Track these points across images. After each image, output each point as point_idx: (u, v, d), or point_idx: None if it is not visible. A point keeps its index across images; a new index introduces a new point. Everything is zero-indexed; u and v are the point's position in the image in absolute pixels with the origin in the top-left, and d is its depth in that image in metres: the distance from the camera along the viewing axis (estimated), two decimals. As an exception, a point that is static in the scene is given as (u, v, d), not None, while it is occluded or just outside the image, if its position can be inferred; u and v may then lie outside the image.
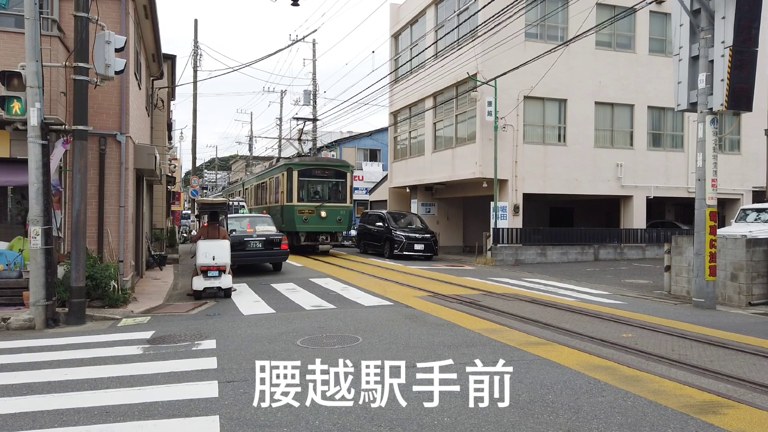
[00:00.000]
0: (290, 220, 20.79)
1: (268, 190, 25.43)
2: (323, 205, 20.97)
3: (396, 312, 9.31)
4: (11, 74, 8.59)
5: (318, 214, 20.76)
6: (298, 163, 21.84)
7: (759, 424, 4.38)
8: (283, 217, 21.29)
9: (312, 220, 20.70)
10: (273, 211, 22.76)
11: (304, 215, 20.58)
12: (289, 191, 21.04)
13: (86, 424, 4.38)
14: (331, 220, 21.03)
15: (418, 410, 4.54)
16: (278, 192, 22.52)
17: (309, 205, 20.92)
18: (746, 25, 9.88)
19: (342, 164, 22.65)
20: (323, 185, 21.72)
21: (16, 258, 9.99)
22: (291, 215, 20.76)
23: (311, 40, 36.64)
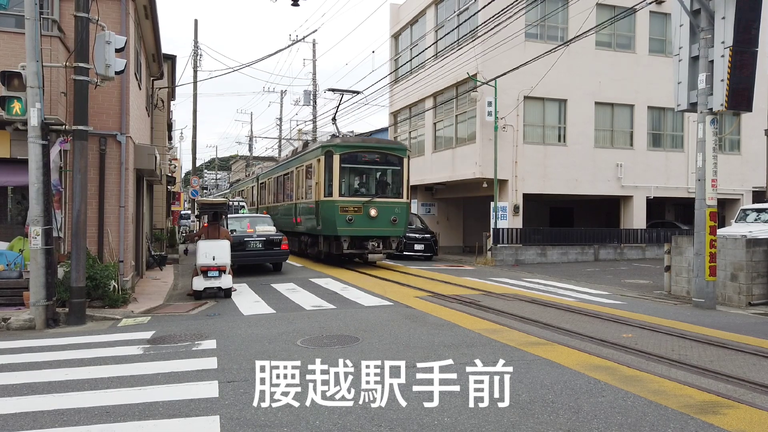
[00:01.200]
0: (329, 220, 15.97)
1: (294, 183, 20.15)
2: (373, 201, 15.98)
3: (396, 312, 9.31)
4: (11, 74, 8.59)
5: (366, 212, 15.82)
6: (341, 144, 16.37)
7: (759, 424, 4.39)
8: (318, 216, 16.56)
9: (358, 220, 15.75)
10: (302, 209, 18.59)
11: (347, 214, 15.66)
12: (328, 182, 16.12)
13: (87, 424, 4.39)
14: (383, 220, 16.00)
15: (418, 410, 4.54)
16: (310, 184, 17.61)
17: (354, 200, 15.94)
18: (746, 25, 9.88)
19: (397, 147, 17.40)
20: (373, 174, 17.02)
21: (17, 258, 9.99)
22: (330, 214, 15.88)
23: (311, 41, 36.74)
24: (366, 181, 17.05)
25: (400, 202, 16.55)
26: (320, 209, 16.37)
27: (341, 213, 15.71)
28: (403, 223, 16.49)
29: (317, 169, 16.70)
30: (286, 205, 21.36)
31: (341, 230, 15.82)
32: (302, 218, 18.42)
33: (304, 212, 18.15)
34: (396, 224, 16.22)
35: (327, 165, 16.13)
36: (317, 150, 17.04)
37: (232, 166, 77.63)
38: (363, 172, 17.02)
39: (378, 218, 15.92)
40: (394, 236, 16.57)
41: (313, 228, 17.25)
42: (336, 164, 16.02)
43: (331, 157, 16.07)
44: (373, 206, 15.90)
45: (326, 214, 16.06)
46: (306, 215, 17.89)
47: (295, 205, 19.69)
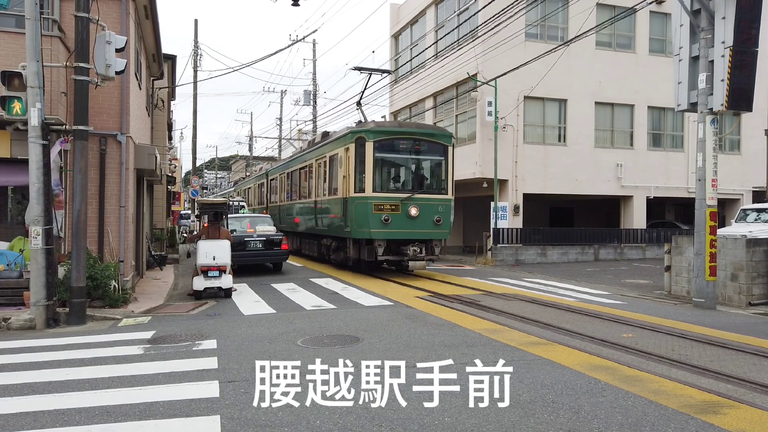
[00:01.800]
0: (361, 220, 13.63)
1: (313, 178, 17.58)
2: (413, 198, 13.64)
3: (396, 312, 9.31)
4: (12, 74, 8.59)
5: (405, 211, 13.46)
6: (375, 129, 13.96)
7: (759, 423, 4.39)
8: (346, 216, 14.13)
9: (396, 221, 13.42)
10: (324, 208, 16.09)
11: (383, 213, 13.37)
12: (359, 174, 13.75)
13: (87, 424, 4.39)
14: (425, 220, 13.68)
15: (419, 410, 4.54)
16: (335, 178, 15.18)
17: (391, 197, 13.63)
18: (746, 25, 9.88)
19: (441, 132, 14.92)
20: (412, 165, 14.55)
21: (17, 258, 9.99)
22: (362, 213, 13.57)
23: (311, 41, 36.75)
24: (404, 174, 14.56)
25: (445, 198, 14.17)
26: (349, 208, 13.94)
27: (375, 212, 13.39)
28: (448, 224, 14.11)
29: (345, 160, 14.32)
30: (303, 203, 18.95)
31: (375, 232, 13.46)
32: (324, 218, 16.05)
33: (327, 211, 15.77)
34: (440, 225, 13.89)
35: (358, 155, 13.69)
36: (345, 137, 14.55)
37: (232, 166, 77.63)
38: (401, 162, 14.53)
39: (419, 218, 13.58)
40: (438, 239, 14.21)
41: (338, 230, 14.91)
42: (369, 153, 13.57)
43: (363, 146, 13.61)
44: (413, 204, 13.53)
45: (357, 214, 13.65)
46: (329, 215, 15.56)
47: (314, 204, 17.14)
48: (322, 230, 16.47)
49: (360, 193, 13.69)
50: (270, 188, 25.40)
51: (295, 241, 20.37)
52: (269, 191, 25.45)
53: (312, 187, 17.75)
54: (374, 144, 13.69)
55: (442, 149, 14.39)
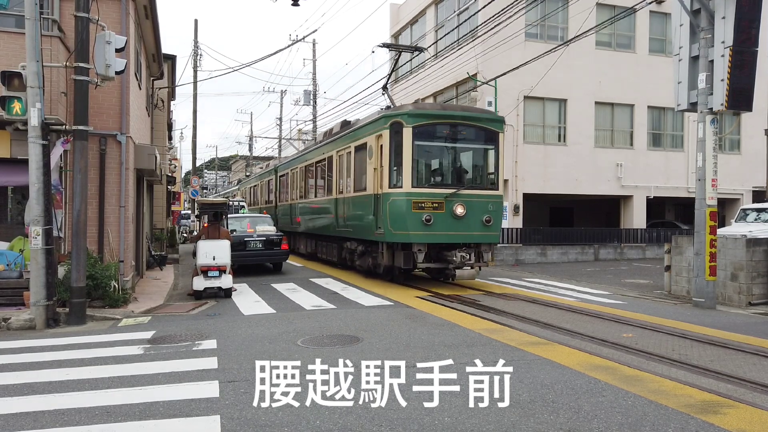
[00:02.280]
0: (397, 220, 11.59)
1: (334, 172, 15.42)
2: (459, 194, 11.61)
3: (396, 312, 9.31)
4: (12, 74, 8.60)
5: (450, 210, 11.48)
6: (415, 112, 11.91)
7: (759, 423, 4.39)
8: (377, 215, 12.18)
9: (439, 221, 11.46)
10: (348, 206, 14.01)
11: (424, 212, 11.37)
12: (396, 167, 11.72)
13: (87, 424, 4.39)
14: (473, 221, 11.67)
15: (419, 410, 4.54)
16: (364, 171, 13.13)
17: (434, 192, 11.60)
18: (746, 25, 9.88)
19: (491, 117, 12.78)
20: (458, 156, 12.44)
21: (17, 258, 10.00)
22: (399, 212, 11.52)
23: (311, 40, 36.74)
24: (448, 166, 12.41)
25: (495, 195, 12.21)
26: (382, 206, 11.94)
27: (415, 211, 11.35)
28: (498, 225, 12.19)
29: (376, 150, 12.33)
30: (321, 202, 16.74)
31: (415, 235, 11.44)
32: (348, 218, 14.05)
33: (352, 210, 13.81)
34: (490, 226, 11.85)
35: (394, 143, 11.72)
36: (377, 123, 12.48)
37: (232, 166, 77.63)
38: (444, 152, 12.35)
39: (466, 218, 11.55)
40: (488, 243, 12.20)
41: (366, 231, 12.92)
42: (407, 141, 11.53)
43: (400, 132, 11.58)
44: (459, 201, 11.50)
45: (392, 213, 11.61)
46: (354, 215, 13.60)
47: (335, 202, 15.06)
48: (345, 232, 14.43)
49: (396, 188, 11.62)
50: (280, 186, 23.37)
51: (309, 243, 18.91)
52: (278, 189, 23.54)
53: (332, 182, 15.50)
54: (413, 130, 11.58)
55: (491, 136, 12.31)
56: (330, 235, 16.01)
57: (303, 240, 19.82)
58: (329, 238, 16.32)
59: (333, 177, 15.51)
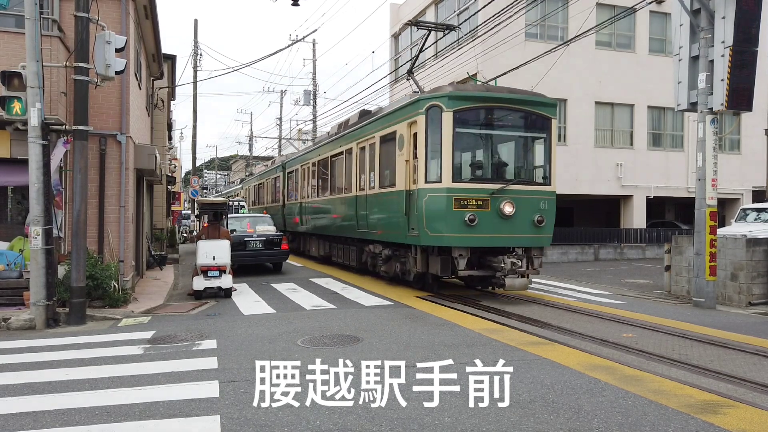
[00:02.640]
0: (434, 220, 10.06)
1: (354, 166, 13.76)
2: (507, 190, 10.16)
3: (396, 312, 9.31)
4: (12, 74, 8.60)
5: (496, 208, 10.00)
6: (455, 94, 10.21)
7: (759, 423, 4.39)
8: (409, 214, 10.60)
9: (484, 221, 9.94)
10: (373, 204, 12.45)
11: (466, 211, 9.84)
12: (432, 158, 10.19)
13: (87, 424, 4.39)
14: (523, 221, 10.23)
15: (419, 410, 4.54)
16: (392, 164, 11.54)
17: (478, 188, 10.12)
18: (746, 25, 9.88)
19: (542, 100, 10.99)
20: (505, 145, 11.02)
21: (17, 258, 10.00)
22: (437, 211, 10.04)
23: (311, 40, 36.71)
24: (494, 157, 10.77)
25: (547, 191, 10.71)
26: (415, 204, 10.36)
27: (456, 209, 9.83)
28: (551, 226, 10.57)
29: (408, 140, 10.75)
30: (337, 200, 15.10)
31: (456, 237, 9.92)
32: (371, 218, 12.45)
33: (377, 209, 12.23)
34: (542, 227, 10.32)
35: (430, 130, 10.14)
36: (410, 108, 10.81)
37: (232, 166, 77.62)
38: (490, 141, 10.70)
39: (515, 218, 10.07)
40: (538, 247, 10.64)
41: (394, 233, 11.32)
42: (447, 128, 9.96)
43: (439, 118, 10.02)
44: (507, 198, 10.03)
45: (429, 212, 10.06)
46: (380, 214, 12.07)
47: (355, 200, 13.50)
48: (368, 234, 12.80)
49: (433, 183, 10.06)
50: (288, 183, 21.68)
51: (322, 246, 17.33)
52: (286, 187, 21.95)
53: (351, 178, 13.92)
54: (454, 115, 10.01)
55: (543, 123, 10.78)
56: (348, 237, 14.51)
57: (315, 242, 18.30)
58: (347, 241, 14.80)
59: (352, 172, 13.89)
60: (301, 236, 19.95)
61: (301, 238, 20.31)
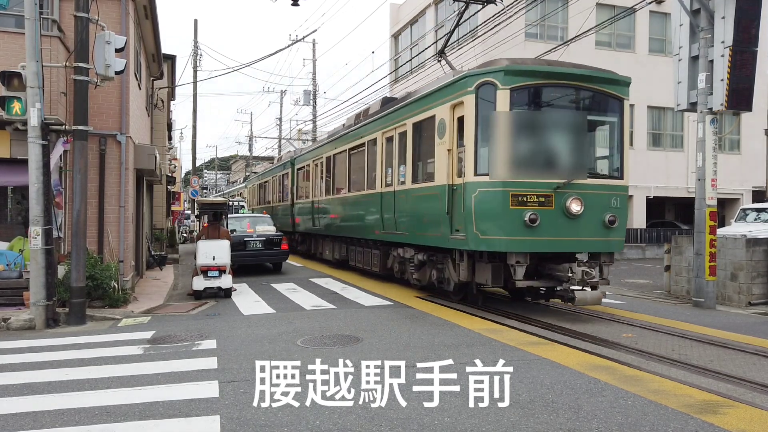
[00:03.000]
0: (487, 220, 8.51)
1: (379, 159, 12.22)
2: (573, 184, 8.53)
3: (396, 312, 9.31)
4: (11, 74, 8.60)
5: (561, 206, 8.46)
6: (513, 68, 8.62)
7: (759, 423, 4.39)
8: (453, 213, 9.08)
9: (547, 221, 8.39)
10: (403, 201, 10.86)
11: (526, 209, 8.30)
12: (483, 146, 8.67)
13: (87, 424, 4.39)
14: (592, 221, 8.65)
15: (419, 410, 4.54)
16: (429, 154, 10.11)
17: (539, 182, 8.46)
18: (746, 25, 9.88)
19: (614, 77, 9.32)
20: (572, 131, 8.97)
21: (17, 258, 10.00)
22: (490, 209, 8.47)
23: (311, 40, 36.69)
24: (557, 145, 9.02)
25: (619, 186, 9.03)
26: (461, 200, 8.77)
27: (514, 207, 8.25)
28: (623, 228, 8.95)
29: (451, 125, 9.20)
30: (356, 197, 13.68)
31: (514, 241, 8.36)
32: (401, 218, 10.95)
33: (408, 207, 10.67)
34: (614, 229, 8.69)
35: (481, 112, 8.58)
36: (454, 86, 9.19)
37: (231, 166, 77.62)
38: (553, 125, 8.94)
39: (583, 217, 8.46)
40: (608, 252, 9.01)
41: (433, 235, 9.72)
42: (503, 110, 8.40)
43: (492, 97, 8.44)
44: (575, 194, 8.41)
45: (481, 210, 8.45)
46: (412, 213, 10.53)
47: (379, 197, 11.99)
48: (396, 236, 11.26)
49: (484, 176, 8.44)
50: (297, 180, 20.20)
51: (338, 248, 15.78)
52: (296, 184, 20.40)
53: (375, 173, 12.31)
54: (512, 94, 8.43)
55: (615, 104, 9.18)
56: (370, 239, 13.03)
57: (329, 244, 16.73)
58: (368, 243, 13.33)
59: (377, 166, 12.29)
60: (313, 238, 18.66)
61: (312, 240, 18.99)
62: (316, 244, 18.47)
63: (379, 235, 12.18)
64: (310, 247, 19.30)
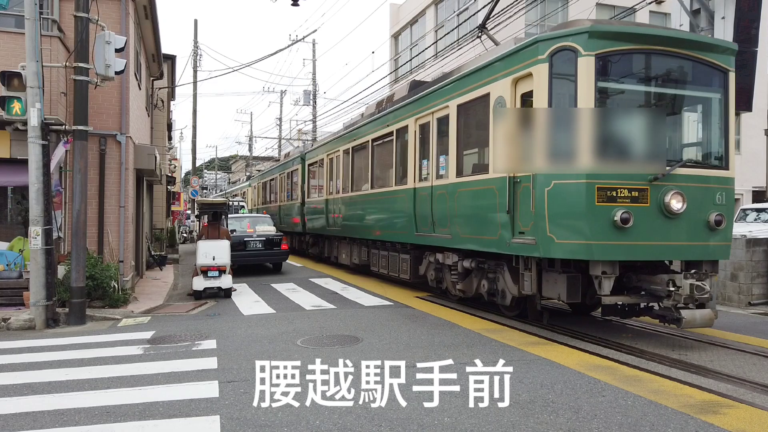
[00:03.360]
0: (566, 219, 6.86)
1: (410, 151, 10.75)
2: (671, 176, 6.82)
3: (396, 312, 9.31)
4: (11, 74, 8.60)
5: (657, 202, 6.73)
6: (598, 29, 6.81)
7: (759, 423, 4.39)
8: (513, 211, 7.50)
9: (641, 222, 6.65)
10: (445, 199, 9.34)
11: (615, 206, 6.58)
12: (560, 128, 7.02)
13: (87, 424, 4.39)
14: (693, 221, 6.92)
15: (418, 410, 4.54)
16: (480, 142, 8.80)
17: (630, 173, 6.75)
18: (746, 25, 9.87)
19: (717, 43, 7.57)
20: (668, 109, 7.56)
21: (17, 258, 9.99)
22: (570, 206, 6.80)
23: (311, 40, 36.67)
24: (651, 127, 7.21)
25: (724, 177, 7.33)
26: (528, 196, 7.23)
27: (601, 204, 6.66)
28: (730, 230, 7.33)
29: (512, 102, 7.66)
30: (382, 194, 12.16)
31: (599, 246, 6.75)
32: (442, 217, 9.41)
33: (452, 205, 9.08)
34: (720, 231, 7.09)
35: (553, 87, 7.05)
36: (517, 55, 7.66)
37: (232, 166, 77.61)
38: (646, 102, 7.49)
39: (684, 217, 6.84)
40: (711, 261, 7.28)
41: (487, 238, 8.17)
42: (587, 79, 6.77)
43: (572, 64, 6.86)
44: (674, 188, 6.80)
45: (557, 207, 6.89)
46: (456, 211, 8.95)
47: (412, 193, 10.45)
48: (435, 238, 9.74)
49: (562, 165, 6.89)
50: (309, 177, 18.65)
51: (358, 252, 14.17)
52: (307, 181, 18.82)
53: (407, 165, 10.82)
54: (597, 62, 6.76)
55: (719, 78, 7.46)
56: (397, 243, 11.61)
57: (346, 247, 15.16)
58: (395, 247, 11.82)
59: (408, 158, 10.82)
60: (326, 239, 17.15)
61: (326, 242, 17.29)
62: (330, 246, 16.78)
63: (411, 238, 10.60)
64: (322, 249, 17.75)
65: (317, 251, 18.23)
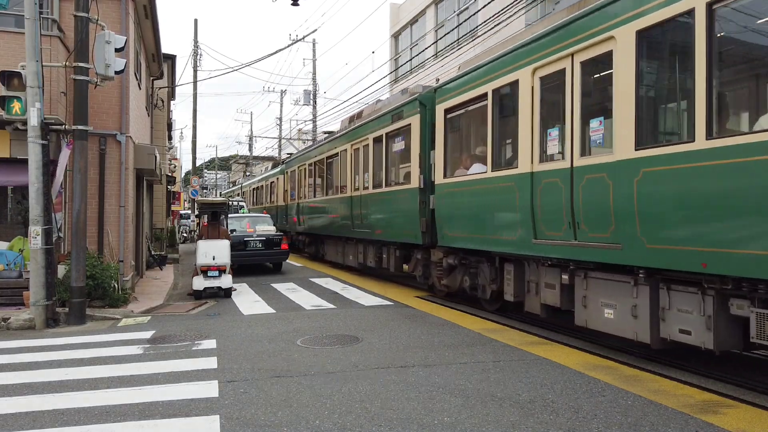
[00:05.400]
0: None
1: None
2: None
3: (396, 312, 9.31)
4: (11, 74, 8.60)
5: None
6: None
7: (759, 423, 4.38)
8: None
9: None
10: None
11: None
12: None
13: (86, 424, 4.39)
14: None
15: (418, 410, 4.54)
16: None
17: None
18: (746, 24, 9.86)
19: None
20: None
21: (17, 258, 10.00)
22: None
23: (311, 40, 36.68)
24: None
25: None
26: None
27: None
28: None
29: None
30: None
31: None
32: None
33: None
34: None
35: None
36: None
37: (231, 166, 77.62)
38: None
39: None
40: None
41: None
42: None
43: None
44: None
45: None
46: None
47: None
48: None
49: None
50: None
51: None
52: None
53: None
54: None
55: None
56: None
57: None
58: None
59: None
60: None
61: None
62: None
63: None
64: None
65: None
